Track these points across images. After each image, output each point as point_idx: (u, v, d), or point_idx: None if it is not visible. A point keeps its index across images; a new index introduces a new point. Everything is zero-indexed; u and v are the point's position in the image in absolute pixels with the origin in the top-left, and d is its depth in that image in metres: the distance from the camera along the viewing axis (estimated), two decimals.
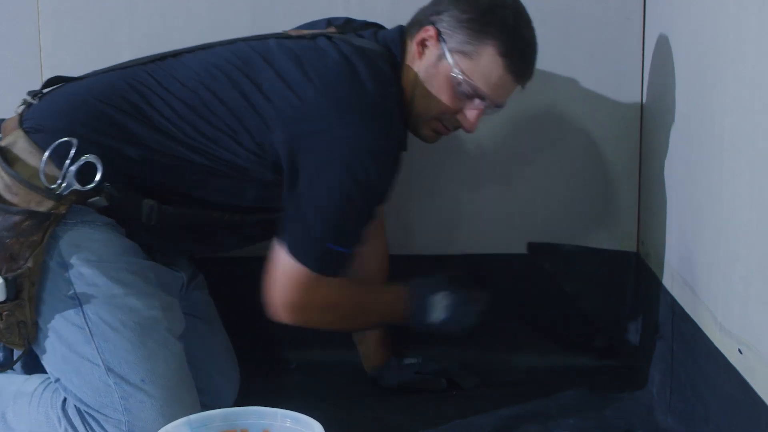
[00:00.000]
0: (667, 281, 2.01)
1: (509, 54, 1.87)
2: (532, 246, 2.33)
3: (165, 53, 1.98)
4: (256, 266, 1.94)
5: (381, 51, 1.92)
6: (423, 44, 1.91)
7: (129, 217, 1.86)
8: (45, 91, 1.96)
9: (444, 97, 1.91)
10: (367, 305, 2.03)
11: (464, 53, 1.87)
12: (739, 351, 1.52)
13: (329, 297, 1.93)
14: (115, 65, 2.00)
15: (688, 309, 1.83)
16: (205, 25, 2.25)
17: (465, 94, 1.90)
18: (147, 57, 1.98)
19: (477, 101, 1.91)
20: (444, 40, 1.88)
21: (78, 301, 1.79)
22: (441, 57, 1.88)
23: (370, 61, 1.88)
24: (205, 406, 1.82)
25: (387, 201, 1.91)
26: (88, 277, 1.80)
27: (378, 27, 2.05)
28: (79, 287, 1.79)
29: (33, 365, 1.95)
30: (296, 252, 1.87)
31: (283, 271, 1.89)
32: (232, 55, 1.94)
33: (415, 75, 1.92)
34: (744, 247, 1.51)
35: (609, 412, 2.06)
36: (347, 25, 2.06)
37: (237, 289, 2.23)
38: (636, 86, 2.24)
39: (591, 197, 2.31)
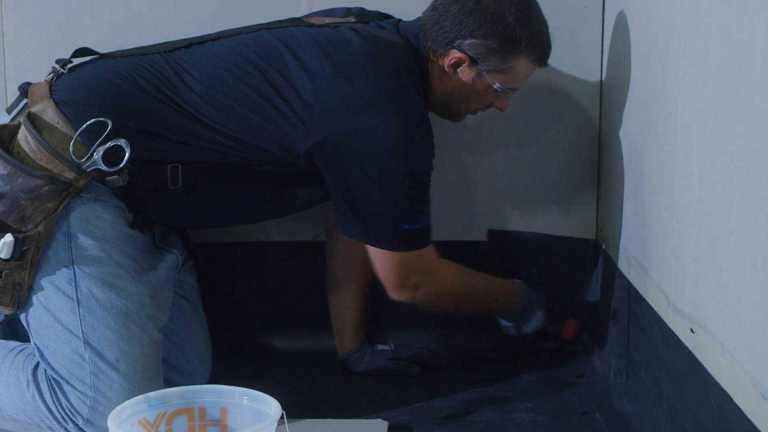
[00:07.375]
0: (624, 266, 2.03)
1: (538, 56, 2.01)
2: (492, 233, 2.35)
3: (190, 40, 2.01)
4: (237, 251, 1.93)
5: (404, 43, 1.99)
6: (455, 66, 1.98)
7: (149, 186, 1.90)
8: (74, 62, 1.98)
9: (483, 100, 2.05)
10: (484, 289, 2.15)
11: (500, 71, 1.98)
12: (691, 330, 1.54)
13: (436, 270, 2.03)
14: (142, 48, 2.02)
15: (643, 292, 1.85)
16: (169, 10, 2.25)
17: (502, 95, 2.03)
18: (172, 43, 2.01)
19: (509, 93, 2.04)
20: (478, 63, 1.97)
21: (73, 272, 1.82)
22: (479, 75, 1.99)
23: (395, 52, 1.96)
24: (180, 385, 1.81)
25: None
26: (89, 252, 1.83)
27: (387, 17, 2.11)
28: (78, 260, 1.83)
29: (10, 334, 1.97)
30: (377, 243, 1.96)
31: (380, 261, 1.98)
32: (256, 44, 1.97)
33: (451, 87, 2.01)
34: (693, 226, 1.53)
35: (566, 395, 2.09)
36: (364, 14, 2.11)
37: (214, 273, 2.26)
38: (595, 74, 2.26)
39: (550, 184, 2.33)
